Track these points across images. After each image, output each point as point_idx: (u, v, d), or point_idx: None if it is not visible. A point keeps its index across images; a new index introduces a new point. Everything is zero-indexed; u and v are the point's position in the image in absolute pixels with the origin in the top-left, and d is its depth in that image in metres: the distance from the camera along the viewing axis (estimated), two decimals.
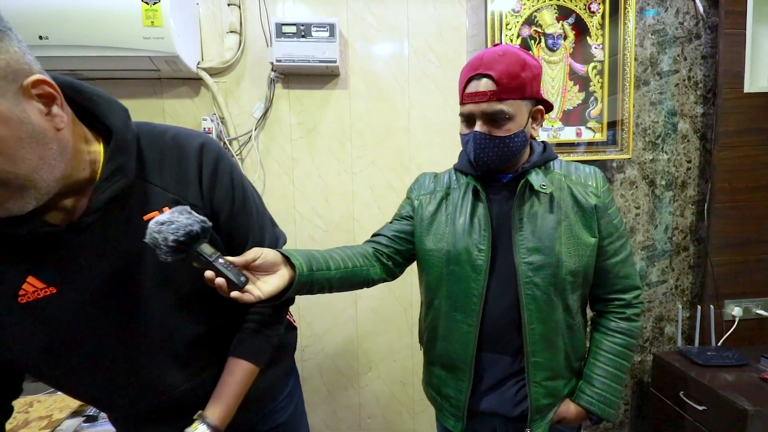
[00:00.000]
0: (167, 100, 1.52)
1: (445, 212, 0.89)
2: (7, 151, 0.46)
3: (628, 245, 0.88)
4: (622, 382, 0.88)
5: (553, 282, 0.81)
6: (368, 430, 1.73)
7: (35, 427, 0.93)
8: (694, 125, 1.71)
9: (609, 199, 0.86)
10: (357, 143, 1.59)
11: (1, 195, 0.48)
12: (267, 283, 0.65)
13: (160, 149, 0.63)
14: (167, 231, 0.54)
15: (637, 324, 0.89)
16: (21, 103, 0.48)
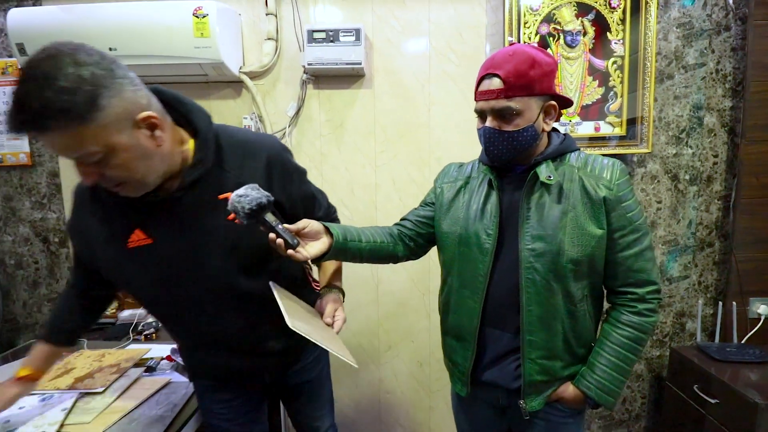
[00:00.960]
0: (213, 101, 1.71)
1: (462, 199, 0.98)
2: (126, 167, 0.69)
3: (646, 240, 0.87)
4: (625, 373, 0.89)
5: (553, 269, 0.85)
6: (387, 403, 1.87)
7: (107, 371, 1.15)
8: (722, 119, 1.69)
9: (624, 192, 0.86)
10: (380, 138, 1.71)
11: (124, 188, 0.73)
12: (312, 246, 0.84)
13: (235, 146, 0.83)
14: (244, 202, 0.72)
15: (650, 320, 0.88)
16: (134, 134, 0.68)
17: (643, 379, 1.85)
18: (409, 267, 1.76)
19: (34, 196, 1.82)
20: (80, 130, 0.62)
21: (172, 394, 1.08)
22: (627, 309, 0.89)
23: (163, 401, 1.05)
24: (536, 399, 0.92)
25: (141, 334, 1.51)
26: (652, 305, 0.89)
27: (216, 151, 0.80)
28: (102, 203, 0.80)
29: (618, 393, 0.89)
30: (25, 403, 1.02)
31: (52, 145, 0.65)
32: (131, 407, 1.01)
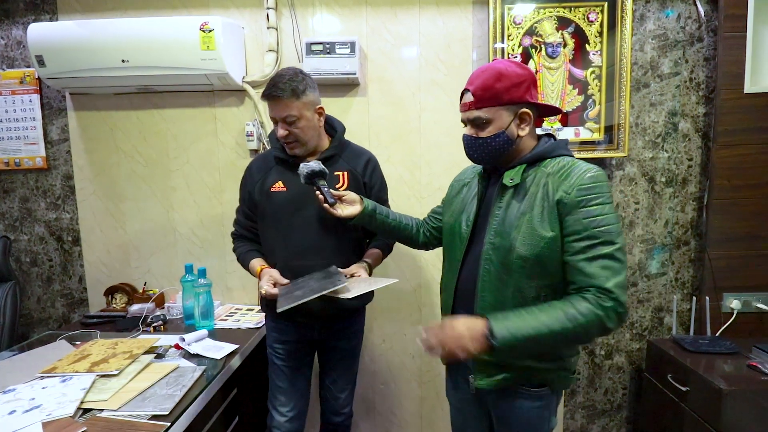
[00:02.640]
0: (218, 109, 1.83)
1: (461, 194, 1.12)
2: (303, 130, 1.25)
3: (605, 249, 0.84)
4: (538, 334, 0.84)
5: (504, 262, 0.93)
6: (381, 394, 1.97)
7: (120, 357, 1.25)
8: (696, 124, 1.79)
9: (585, 198, 0.86)
10: (374, 143, 1.82)
11: (295, 146, 1.27)
12: (346, 209, 1.19)
13: (353, 148, 1.41)
14: (305, 168, 1.17)
15: (594, 310, 0.83)
16: (313, 114, 1.28)
17: (624, 371, 1.94)
18: (402, 263, 1.87)
19: (49, 197, 1.94)
20: (294, 101, 1.21)
21: (180, 377, 1.19)
22: (578, 294, 0.87)
23: (173, 383, 1.15)
24: (485, 379, 0.99)
25: (150, 326, 1.62)
26: (603, 303, 0.84)
27: (342, 147, 1.36)
28: (266, 167, 1.35)
29: (516, 342, 0.84)
30: (47, 383, 1.12)
31: (279, 106, 1.21)
32: (144, 387, 1.11)
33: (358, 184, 1.33)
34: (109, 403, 1.04)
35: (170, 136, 1.86)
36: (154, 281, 1.94)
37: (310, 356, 1.44)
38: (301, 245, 1.28)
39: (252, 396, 1.62)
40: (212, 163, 1.86)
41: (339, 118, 1.79)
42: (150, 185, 1.89)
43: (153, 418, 0.99)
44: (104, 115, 1.87)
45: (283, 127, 1.23)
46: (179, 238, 1.92)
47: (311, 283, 1.19)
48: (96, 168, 1.90)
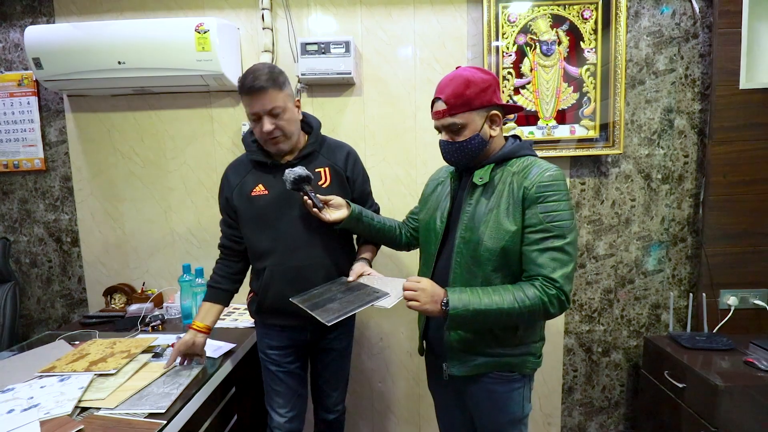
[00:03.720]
0: (214, 109, 1.84)
1: (436, 193, 1.18)
2: (288, 122, 1.20)
3: (557, 242, 0.92)
4: (488, 310, 0.92)
5: (473, 255, 1.00)
6: (379, 393, 1.98)
7: (118, 357, 1.27)
8: (692, 121, 1.79)
9: (543, 194, 0.93)
10: (370, 142, 1.83)
11: (280, 141, 1.21)
12: (333, 213, 1.20)
13: (331, 143, 1.36)
14: (291, 174, 1.15)
15: (541, 297, 0.91)
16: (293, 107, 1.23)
17: (621, 368, 1.95)
18: (399, 261, 1.88)
19: (48, 199, 1.95)
20: (278, 92, 1.17)
21: (177, 375, 1.20)
22: (529, 281, 0.95)
23: (170, 381, 1.16)
24: (457, 366, 1.05)
25: (148, 325, 1.63)
26: (548, 290, 0.92)
27: (320, 143, 1.33)
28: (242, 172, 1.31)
29: (467, 314, 0.92)
30: (45, 383, 1.13)
31: (264, 98, 1.15)
32: (141, 386, 1.12)
33: (340, 179, 1.31)
34: (107, 402, 1.05)
35: (167, 137, 1.87)
36: (152, 281, 1.95)
37: (303, 359, 1.43)
38: (291, 245, 1.26)
39: (250, 395, 1.63)
40: (209, 164, 1.87)
41: (335, 118, 1.82)
42: (148, 186, 1.91)
43: (150, 417, 1.00)
44: (102, 117, 1.88)
45: (269, 121, 1.17)
46: (177, 239, 1.93)
47: (338, 295, 1.16)
48: (94, 169, 1.91)
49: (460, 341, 1.04)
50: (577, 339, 1.93)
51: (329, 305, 1.09)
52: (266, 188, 1.26)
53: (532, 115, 1.75)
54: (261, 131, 1.19)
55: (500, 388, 1.05)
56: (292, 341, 1.36)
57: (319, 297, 1.18)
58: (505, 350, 1.03)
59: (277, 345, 1.35)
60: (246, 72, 1.18)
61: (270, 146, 1.23)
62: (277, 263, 1.26)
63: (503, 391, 1.05)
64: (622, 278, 1.88)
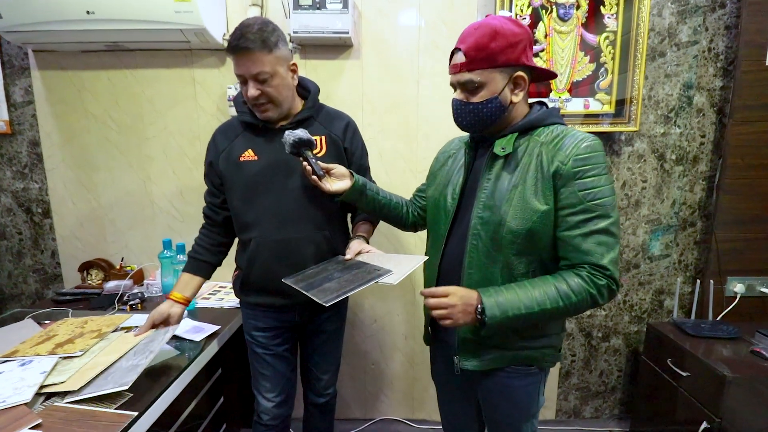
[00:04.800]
0: (197, 70, 1.67)
1: (446, 167, 1.05)
2: (277, 89, 1.09)
3: (601, 223, 0.81)
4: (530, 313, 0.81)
5: (493, 237, 0.87)
6: (372, 375, 1.91)
7: (88, 337, 1.16)
8: (712, 99, 1.68)
9: (582, 169, 0.81)
10: (368, 111, 1.68)
11: (268, 108, 1.11)
12: (335, 183, 1.08)
13: (330, 112, 1.25)
14: (291, 136, 1.03)
15: (588, 288, 0.81)
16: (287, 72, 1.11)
17: (620, 354, 1.90)
18: (396, 241, 1.78)
19: (15, 165, 1.79)
20: (266, 54, 1.04)
21: (150, 342, 1.07)
22: (572, 270, 0.84)
23: (141, 350, 1.04)
24: (471, 360, 0.95)
25: (126, 304, 1.52)
26: (597, 281, 0.81)
27: (317, 110, 1.21)
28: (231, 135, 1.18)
29: (506, 320, 0.82)
30: (4, 368, 1.02)
31: (249, 61, 1.03)
32: (109, 362, 1.01)
33: (337, 149, 1.20)
34: (68, 384, 0.94)
35: (145, 100, 1.70)
36: (132, 257, 1.83)
37: (292, 341, 1.33)
38: (281, 217, 1.15)
39: (238, 375, 1.55)
40: (192, 131, 1.71)
41: (329, 84, 1.67)
42: (124, 154, 1.75)
43: (120, 407, 0.91)
44: (71, 76, 1.70)
45: (254, 86, 1.06)
46: (158, 212, 1.79)
47: (335, 274, 1.05)
48: (65, 134, 1.75)
49: (475, 332, 0.93)
50: (577, 324, 1.87)
51: (326, 285, 0.98)
52: (256, 153, 1.14)
53: (544, 86, 1.61)
54: (246, 95, 1.09)
55: (516, 382, 0.96)
56: (280, 322, 1.26)
57: (314, 276, 1.07)
58: (526, 343, 0.93)
59: (264, 326, 1.26)
60: (236, 27, 1.04)
61: (257, 113, 1.13)
62: (264, 235, 1.16)
63: (519, 386, 0.96)
64: (627, 263, 1.81)
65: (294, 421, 1.48)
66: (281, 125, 1.15)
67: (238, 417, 1.60)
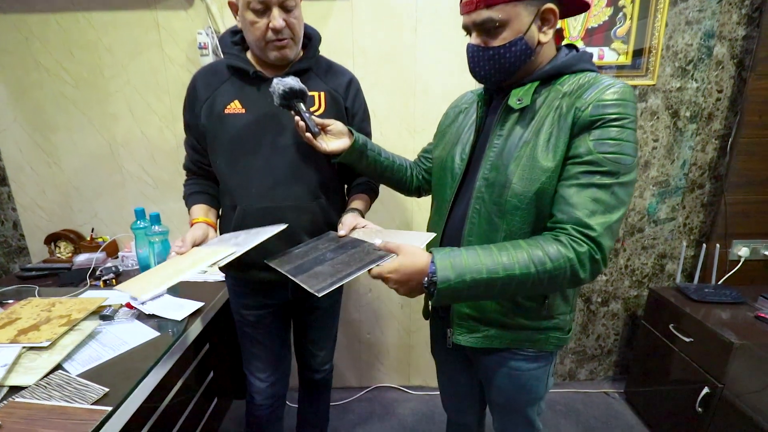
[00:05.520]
0: (161, 12, 1.44)
1: (456, 123, 0.92)
2: (302, 24, 0.98)
3: (607, 179, 0.67)
4: (492, 279, 0.67)
5: (497, 201, 0.77)
6: (368, 344, 1.86)
7: (55, 323, 1.03)
8: (733, 50, 1.55)
9: (599, 117, 0.67)
10: (359, 62, 1.50)
11: (287, 45, 0.94)
12: (333, 142, 0.95)
13: (334, 66, 1.10)
14: (281, 84, 0.87)
15: (567, 255, 0.67)
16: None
17: (619, 318, 1.88)
18: (392, 209, 1.66)
19: None
20: None
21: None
22: (551, 233, 0.70)
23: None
24: (465, 335, 0.87)
25: (99, 279, 1.39)
26: (577, 246, 0.67)
27: (317, 62, 1.05)
28: (215, 82, 1.00)
29: (462, 286, 0.68)
30: None
31: None
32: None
33: (338, 108, 1.06)
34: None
35: (102, 49, 1.48)
36: (103, 227, 1.67)
37: (285, 318, 1.23)
38: (271, 180, 1.01)
39: (227, 350, 1.47)
40: (159, 85, 1.51)
41: (315, 28, 1.47)
42: (85, 112, 1.55)
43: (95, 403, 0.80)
44: (14, 20, 1.46)
45: (280, 15, 0.89)
46: (128, 177, 1.62)
47: (328, 254, 0.89)
48: (14, 89, 1.53)
49: (469, 305, 0.84)
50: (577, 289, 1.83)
51: (317, 268, 0.83)
52: (243, 105, 0.99)
53: (556, 32, 1.45)
54: (266, 28, 0.91)
55: (524, 365, 0.87)
56: (271, 300, 1.15)
57: (303, 257, 0.92)
58: (529, 322, 0.83)
59: (254, 304, 1.15)
60: None
61: (271, 51, 0.95)
62: (251, 202, 1.02)
63: (526, 369, 0.88)
64: (631, 227, 1.74)
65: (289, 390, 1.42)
66: (275, 74, 0.98)
67: (229, 390, 1.54)
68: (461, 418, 1.14)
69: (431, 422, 1.74)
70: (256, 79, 0.98)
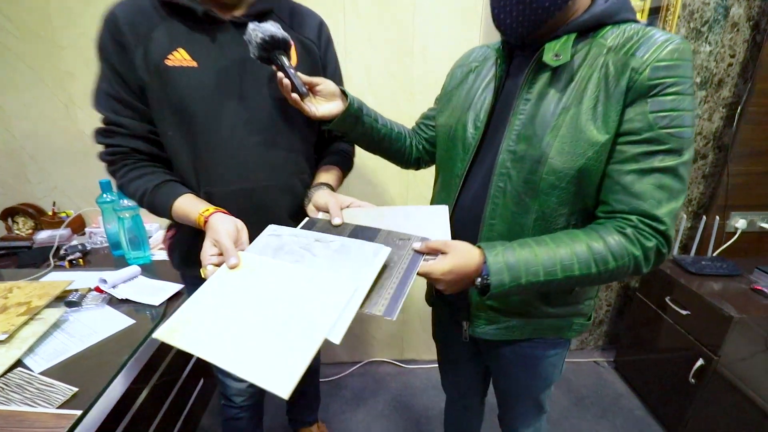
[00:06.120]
0: None
1: (466, 85, 0.79)
2: None
3: (671, 159, 0.58)
4: (550, 280, 0.62)
5: (528, 179, 0.66)
6: (359, 318, 1.80)
7: (13, 313, 0.91)
8: (749, 11, 1.45)
9: (663, 82, 0.57)
10: (350, 14, 1.34)
11: None
12: (323, 106, 0.80)
13: (302, 9, 0.88)
14: (259, 30, 0.71)
15: (634, 253, 0.61)
16: None
17: (612, 289, 1.88)
18: (388, 179, 1.55)
19: None
20: None
21: None
22: (613, 223, 0.63)
23: None
24: (484, 327, 0.79)
25: (64, 259, 1.26)
26: (645, 241, 0.61)
27: (278, 1, 0.84)
28: (144, 22, 0.73)
29: (515, 288, 0.62)
30: None
31: None
32: None
33: (313, 60, 0.87)
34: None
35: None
36: (65, 201, 1.51)
37: None
38: (241, 156, 0.81)
39: None
40: None
41: None
42: (34, 68, 1.35)
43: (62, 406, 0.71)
44: None
45: None
46: (91, 145, 1.43)
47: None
48: None
49: None
50: None
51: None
52: (194, 57, 0.75)
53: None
54: None
55: (539, 352, 0.82)
56: None
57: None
58: (554, 310, 0.76)
59: None
60: None
61: None
62: (217, 184, 0.81)
63: (542, 356, 0.82)
64: None
65: None
66: (233, 17, 0.77)
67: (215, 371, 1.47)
68: (463, 400, 1.11)
69: (425, 396, 1.72)
70: (207, 22, 0.75)
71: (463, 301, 0.81)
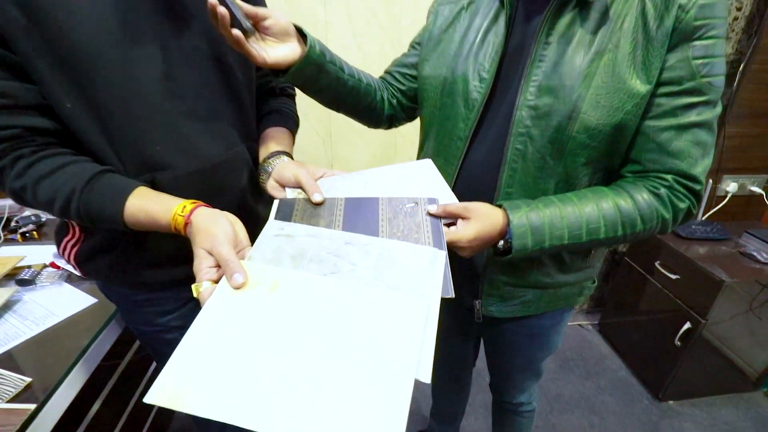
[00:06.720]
0: None
1: (460, 26, 0.66)
2: None
3: (708, 112, 0.53)
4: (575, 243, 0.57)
5: (555, 138, 0.57)
6: None
7: None
8: None
9: (705, 23, 0.50)
10: None
11: None
12: (275, 49, 0.60)
13: None
14: None
15: (663, 214, 0.56)
16: None
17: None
18: (372, 140, 1.44)
19: None
20: None
21: None
22: (644, 182, 0.58)
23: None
24: (497, 305, 0.73)
25: (15, 232, 1.13)
26: (678, 202, 0.56)
27: None
28: None
29: (537, 251, 0.58)
30: None
31: None
32: None
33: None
34: None
35: None
36: None
37: None
38: (171, 129, 0.59)
39: None
40: None
41: None
42: None
43: (13, 400, 0.62)
44: None
45: None
46: None
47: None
48: None
49: (506, 271, 0.68)
50: None
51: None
52: None
53: None
54: None
55: (547, 322, 0.77)
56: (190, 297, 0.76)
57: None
58: (568, 277, 0.70)
59: (177, 306, 0.74)
60: None
61: None
62: (155, 168, 0.59)
63: (549, 326, 0.78)
64: None
65: None
66: None
67: None
68: (453, 371, 1.08)
69: None
70: None
71: (470, 271, 0.72)
